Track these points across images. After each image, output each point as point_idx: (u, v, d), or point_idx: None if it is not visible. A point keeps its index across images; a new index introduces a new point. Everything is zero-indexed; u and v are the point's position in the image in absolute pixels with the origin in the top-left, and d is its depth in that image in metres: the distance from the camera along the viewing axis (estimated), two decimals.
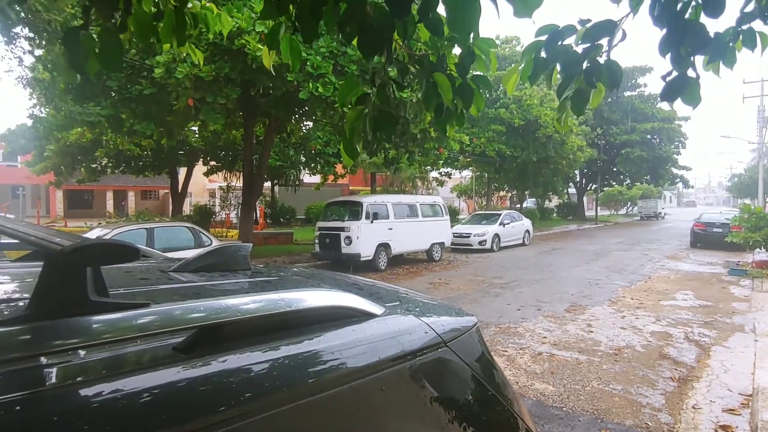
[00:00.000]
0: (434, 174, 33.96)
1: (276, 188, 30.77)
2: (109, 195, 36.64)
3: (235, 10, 9.41)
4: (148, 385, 0.64)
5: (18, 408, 0.54)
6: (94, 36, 1.39)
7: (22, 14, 9.12)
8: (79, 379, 0.62)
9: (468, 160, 28.84)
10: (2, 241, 1.47)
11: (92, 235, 9.30)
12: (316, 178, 27.39)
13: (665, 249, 18.85)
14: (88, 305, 0.64)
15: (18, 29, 10.38)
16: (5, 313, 0.71)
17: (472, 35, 1.22)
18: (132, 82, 10.87)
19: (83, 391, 0.60)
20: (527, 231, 20.83)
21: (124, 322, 0.64)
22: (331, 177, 25.75)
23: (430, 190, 36.10)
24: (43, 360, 0.62)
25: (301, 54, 1.56)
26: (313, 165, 25.06)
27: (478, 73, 1.47)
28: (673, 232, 28.28)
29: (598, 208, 42.58)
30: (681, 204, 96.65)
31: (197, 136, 19.05)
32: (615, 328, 7.13)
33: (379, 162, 21.00)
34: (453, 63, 1.41)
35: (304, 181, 29.05)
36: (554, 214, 40.58)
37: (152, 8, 1.49)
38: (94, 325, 0.62)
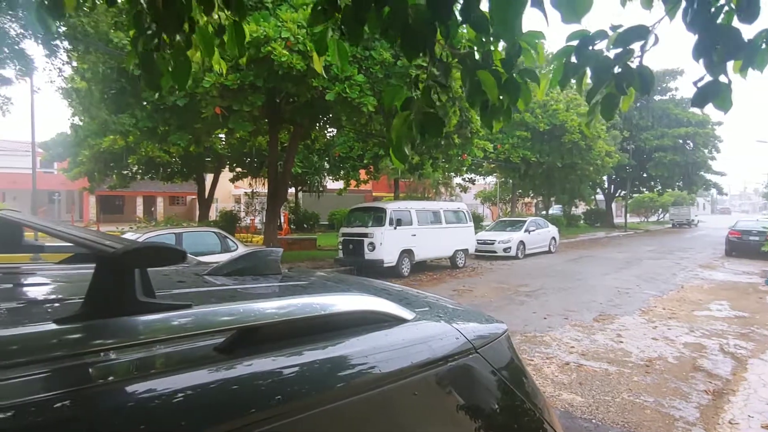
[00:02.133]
0: (458, 180, 33.80)
1: (300, 194, 31.14)
2: (139, 200, 37.72)
3: (262, 19, 9.61)
4: (191, 384, 0.66)
5: (74, 402, 0.56)
6: (166, 56, 1.48)
7: (62, 28, 9.54)
8: (128, 376, 0.64)
9: (492, 166, 28.60)
10: (47, 244, 1.53)
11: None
12: (339, 184, 27.61)
13: (699, 258, 18.23)
14: (137, 305, 0.66)
15: (58, 41, 10.86)
16: (61, 311, 0.75)
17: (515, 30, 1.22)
18: (167, 92, 11.20)
19: (132, 388, 0.62)
20: (553, 238, 20.47)
21: (169, 322, 0.67)
22: (354, 183, 25.95)
23: (454, 197, 35.91)
24: (96, 357, 0.64)
25: (348, 56, 1.60)
26: (336, 171, 25.29)
27: (526, 67, 1.47)
28: (706, 240, 27.34)
29: (628, 215, 41.49)
30: (715, 211, 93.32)
31: (224, 143, 19.46)
32: (646, 338, 6.92)
33: (403, 168, 21.00)
34: (499, 58, 1.41)
35: (327, 187, 29.32)
36: (581, 221, 39.75)
37: (211, 25, 1.56)
38: (142, 325, 0.64)
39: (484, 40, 1.39)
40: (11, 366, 0.57)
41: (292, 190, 27.18)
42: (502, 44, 1.50)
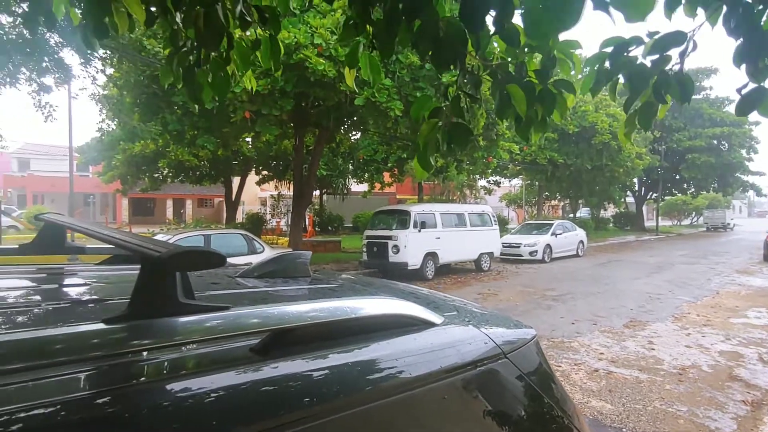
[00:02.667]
0: (482, 183, 33.49)
1: (324, 196, 31.42)
2: (169, 203, 38.74)
3: (291, 26, 9.75)
4: (228, 384, 0.69)
5: (121, 399, 0.59)
6: (206, 70, 1.54)
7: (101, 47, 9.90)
8: (171, 375, 0.67)
9: (518, 168, 28.23)
10: (88, 246, 1.60)
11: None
12: (363, 187, 27.74)
13: (735, 262, 17.55)
14: (178, 306, 0.69)
15: (92, 50, 11.27)
16: (106, 311, 0.78)
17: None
18: (210, 103, 11.46)
19: (174, 387, 0.65)
20: (581, 242, 20.06)
21: (208, 323, 0.69)
22: (378, 185, 26.03)
23: (478, 199, 35.59)
24: (141, 356, 0.67)
25: (380, 69, 1.62)
26: (360, 173, 25.42)
27: (561, 77, 1.46)
28: (743, 244, 26.29)
29: (659, 218, 40.29)
30: (752, 214, 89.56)
31: (250, 146, 19.82)
32: (679, 345, 6.71)
33: (426, 176, 20.95)
34: (533, 69, 1.40)
35: (352, 189, 29.48)
36: (610, 225, 38.81)
37: (244, 41, 1.61)
38: (184, 326, 0.67)
39: (517, 51, 1.38)
40: (63, 363, 0.60)
41: (316, 192, 27.43)
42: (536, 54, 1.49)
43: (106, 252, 1.57)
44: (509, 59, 1.49)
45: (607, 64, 1.40)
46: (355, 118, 13.67)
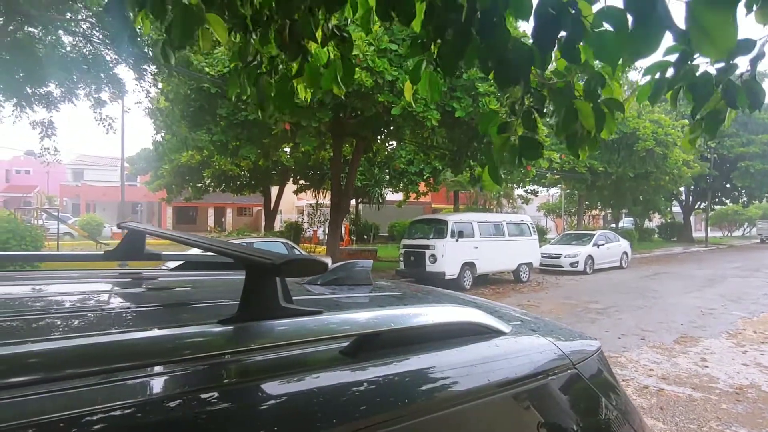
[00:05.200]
0: (519, 191, 32.92)
1: (360, 206, 31.68)
2: (210, 211, 40.04)
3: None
4: (324, 384, 0.73)
5: (231, 397, 0.65)
6: (272, 81, 1.62)
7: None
8: (273, 374, 0.72)
9: (557, 177, 27.60)
10: (163, 252, 1.70)
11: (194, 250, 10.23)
12: (399, 196, 27.80)
13: None
14: (280, 310, 0.74)
15: (146, 66, 11.90)
16: (211, 314, 0.85)
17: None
18: (238, 109, 11.92)
19: (276, 385, 0.70)
20: (625, 253, 19.36)
21: (304, 326, 0.74)
22: (414, 195, 26.03)
23: (516, 209, 35.00)
24: (249, 356, 0.73)
25: (440, 88, 1.66)
26: (396, 183, 25.51)
27: (611, 97, 1.46)
28: None
29: (708, 228, 38.37)
30: None
31: (289, 156, 20.30)
32: (735, 363, 6.36)
33: (464, 180, 20.81)
34: (581, 87, 1.41)
35: (387, 198, 29.60)
36: (655, 235, 37.28)
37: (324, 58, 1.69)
38: (285, 328, 0.72)
39: (571, 70, 1.39)
40: (183, 360, 0.66)
41: (352, 201, 27.71)
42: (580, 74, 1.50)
43: (181, 258, 1.66)
44: (565, 79, 1.50)
45: (669, 73, 1.39)
46: (391, 128, 13.79)
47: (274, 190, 24.05)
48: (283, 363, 0.75)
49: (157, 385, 0.65)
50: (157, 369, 0.65)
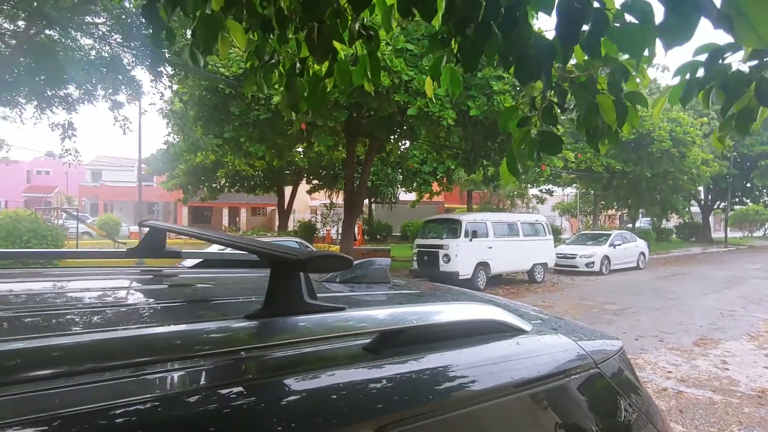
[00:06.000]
0: (534, 191, 32.64)
1: (373, 206, 31.72)
2: (225, 211, 40.43)
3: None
4: (348, 380, 0.73)
5: (256, 390, 0.65)
6: (304, 82, 1.65)
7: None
8: (299, 368, 0.73)
9: (572, 176, 27.30)
10: (184, 250, 1.72)
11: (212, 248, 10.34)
12: (412, 196, 27.77)
13: None
14: (304, 306, 0.75)
15: (162, 68, 12.07)
16: (236, 309, 0.86)
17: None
18: (251, 108, 12.02)
19: (299, 381, 0.71)
20: (642, 253, 19.06)
21: (328, 322, 0.74)
22: (427, 195, 25.98)
23: (530, 209, 34.70)
24: (276, 350, 0.74)
25: (460, 83, 1.65)
26: (409, 183, 25.49)
27: (633, 90, 1.44)
28: None
29: (728, 229, 37.58)
30: None
31: (302, 156, 20.42)
32: (757, 366, 6.22)
33: (478, 179, 20.69)
34: (603, 81, 1.39)
35: (400, 198, 29.59)
36: (673, 236, 36.63)
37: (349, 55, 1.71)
38: (309, 324, 0.72)
39: (594, 64, 1.38)
40: (210, 354, 0.67)
41: (365, 201, 27.75)
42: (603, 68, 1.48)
43: (200, 256, 1.68)
44: (584, 73, 1.48)
45: (700, 72, 1.36)
46: (405, 128, 13.78)
47: (288, 190, 24.21)
48: (308, 358, 0.75)
49: (186, 378, 0.65)
50: (186, 363, 0.66)
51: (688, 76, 1.40)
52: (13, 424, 0.50)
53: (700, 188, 34.28)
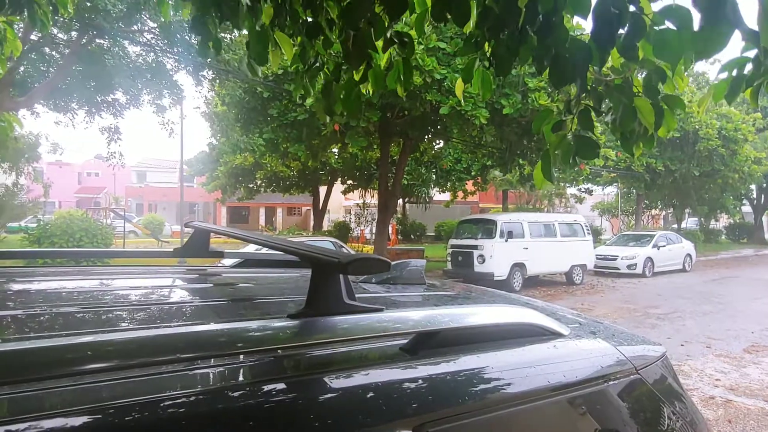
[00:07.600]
0: (572, 190, 31.77)
1: (407, 205, 31.70)
2: (262, 211, 41.36)
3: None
4: (386, 379, 0.76)
5: (298, 387, 0.69)
6: (340, 87, 1.70)
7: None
8: (338, 367, 0.76)
9: (613, 175, 26.40)
10: (226, 250, 1.79)
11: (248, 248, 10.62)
12: (446, 196, 27.59)
13: None
14: (344, 306, 0.78)
15: (204, 72, 12.51)
16: (282, 309, 0.90)
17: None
18: (288, 110, 12.28)
19: (339, 379, 0.74)
20: (688, 255, 18.23)
21: (366, 322, 0.77)
22: (461, 194, 25.75)
23: (568, 208, 33.80)
24: (317, 349, 0.77)
25: (491, 86, 1.66)
26: (443, 182, 25.36)
27: (669, 93, 1.40)
28: None
29: None
30: None
31: (337, 157, 20.67)
32: None
33: (513, 179, 20.34)
34: (639, 84, 1.37)
35: (434, 198, 29.45)
36: (722, 237, 34.85)
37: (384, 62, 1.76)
38: (348, 324, 0.75)
39: (629, 67, 1.35)
40: (255, 351, 0.71)
41: (399, 201, 27.78)
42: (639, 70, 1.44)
43: (236, 256, 1.75)
44: (620, 76, 1.45)
45: (747, 69, 1.31)
46: (438, 127, 13.72)
47: (323, 191, 24.54)
48: (347, 357, 0.78)
49: (231, 374, 0.70)
50: (231, 359, 0.70)
51: (734, 73, 1.35)
52: (78, 412, 0.56)
53: (752, 187, 32.46)
